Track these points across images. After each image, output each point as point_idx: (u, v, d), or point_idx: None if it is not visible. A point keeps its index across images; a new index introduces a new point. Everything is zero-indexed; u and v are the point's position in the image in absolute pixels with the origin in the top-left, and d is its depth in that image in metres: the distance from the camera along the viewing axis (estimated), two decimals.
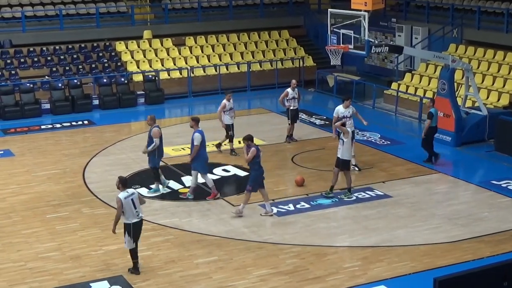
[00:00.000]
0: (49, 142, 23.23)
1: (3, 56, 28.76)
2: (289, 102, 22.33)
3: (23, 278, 13.90)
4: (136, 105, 28.01)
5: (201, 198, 18.09)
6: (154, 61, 30.16)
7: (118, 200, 13.54)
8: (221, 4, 33.90)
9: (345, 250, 15.10)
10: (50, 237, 15.71)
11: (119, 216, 13.62)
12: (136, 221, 13.69)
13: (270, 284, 13.58)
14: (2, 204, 17.77)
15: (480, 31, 27.55)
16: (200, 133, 17.55)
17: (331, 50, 21.89)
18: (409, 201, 17.72)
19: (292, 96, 22.25)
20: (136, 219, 13.67)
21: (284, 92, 22.53)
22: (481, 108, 22.58)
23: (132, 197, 13.62)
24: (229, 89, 22.16)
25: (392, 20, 30.76)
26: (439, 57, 23.20)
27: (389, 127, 24.71)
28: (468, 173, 20.19)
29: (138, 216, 13.70)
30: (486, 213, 16.96)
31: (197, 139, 17.44)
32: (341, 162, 17.56)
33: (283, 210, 17.13)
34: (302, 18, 34.53)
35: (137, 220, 13.69)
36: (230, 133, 21.33)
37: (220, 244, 15.32)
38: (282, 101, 22.57)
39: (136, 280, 13.70)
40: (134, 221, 13.65)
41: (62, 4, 31.34)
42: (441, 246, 15.16)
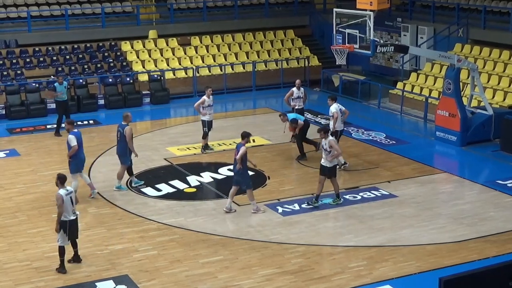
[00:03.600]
0: (55, 141, 23.25)
1: (9, 55, 28.81)
2: (294, 101, 22.35)
3: (28, 277, 13.93)
4: (142, 105, 28.03)
5: (205, 198, 18.11)
6: (160, 61, 30.19)
7: (59, 197, 13.71)
8: (227, 4, 33.91)
9: (350, 249, 15.08)
10: (55, 237, 15.66)
11: (62, 213, 13.74)
12: (73, 218, 13.91)
13: (275, 284, 13.58)
14: (8, 203, 17.81)
15: (486, 30, 27.52)
16: (75, 134, 17.50)
17: (336, 50, 21.88)
18: (415, 201, 17.70)
19: (297, 96, 22.26)
20: (73, 217, 13.90)
21: (289, 91, 22.56)
22: (487, 107, 22.54)
23: (70, 195, 13.84)
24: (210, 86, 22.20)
25: (398, 20, 30.72)
26: (445, 57, 23.16)
27: (395, 126, 24.69)
28: (473, 173, 20.17)
29: (74, 214, 13.94)
30: (492, 212, 16.93)
31: (72, 140, 17.33)
32: (327, 169, 17.11)
33: (288, 209, 17.13)
34: (308, 18, 34.51)
35: (73, 218, 13.91)
36: (204, 129, 21.36)
37: (225, 243, 15.33)
38: (287, 100, 22.61)
39: (141, 280, 13.71)
40: (71, 218, 13.87)
41: (68, 4, 31.38)
42: (446, 246, 15.14)
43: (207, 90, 21.46)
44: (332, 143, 16.97)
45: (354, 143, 22.64)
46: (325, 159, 17.05)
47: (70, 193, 13.89)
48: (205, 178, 19.44)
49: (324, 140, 17.08)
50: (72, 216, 13.89)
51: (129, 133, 18.21)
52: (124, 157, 18.43)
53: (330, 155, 16.90)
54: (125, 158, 18.44)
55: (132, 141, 18.38)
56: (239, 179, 16.86)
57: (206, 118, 21.31)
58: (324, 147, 17.04)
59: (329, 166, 17.03)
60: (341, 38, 21.69)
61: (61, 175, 14.09)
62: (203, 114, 21.29)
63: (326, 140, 17.03)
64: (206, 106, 21.28)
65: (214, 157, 21.30)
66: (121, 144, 18.43)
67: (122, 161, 18.51)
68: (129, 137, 18.20)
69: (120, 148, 18.48)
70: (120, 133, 18.38)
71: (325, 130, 17.31)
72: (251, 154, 21.40)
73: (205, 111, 21.28)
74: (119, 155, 18.57)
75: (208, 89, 21.48)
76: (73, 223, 13.95)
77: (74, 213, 13.96)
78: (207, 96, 21.29)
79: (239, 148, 16.72)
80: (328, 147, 16.94)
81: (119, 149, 18.55)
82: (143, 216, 16.90)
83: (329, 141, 16.97)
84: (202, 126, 21.51)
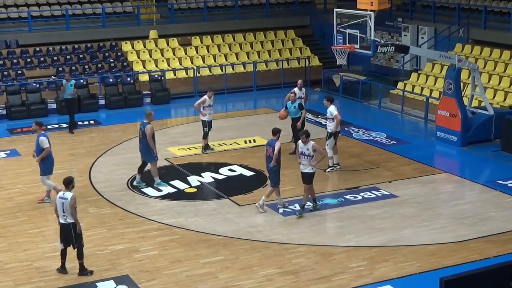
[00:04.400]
0: (55, 142, 23.18)
1: (10, 56, 28.82)
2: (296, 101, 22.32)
3: (29, 277, 13.94)
4: (142, 105, 28.03)
5: (205, 198, 18.12)
6: (160, 61, 30.20)
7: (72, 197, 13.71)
8: (227, 4, 33.91)
9: (351, 250, 15.08)
10: (56, 237, 15.64)
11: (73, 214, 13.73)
12: (62, 222, 13.79)
13: (276, 284, 13.58)
14: (9, 203, 17.82)
15: (487, 30, 27.52)
16: (46, 136, 17.45)
17: (337, 50, 21.88)
18: (415, 201, 17.70)
19: (298, 96, 22.23)
20: (62, 220, 13.78)
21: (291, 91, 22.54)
22: (487, 107, 22.54)
23: (62, 200, 13.72)
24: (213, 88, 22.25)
25: (398, 20, 30.72)
26: (445, 57, 23.16)
27: (395, 126, 24.69)
28: (474, 173, 20.16)
29: (64, 219, 13.77)
30: (493, 212, 16.93)
31: (44, 143, 17.25)
32: (308, 175, 16.62)
33: (289, 209, 17.12)
34: (308, 18, 34.51)
35: (63, 222, 13.79)
36: (205, 129, 21.38)
37: (226, 243, 15.33)
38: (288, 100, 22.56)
39: (142, 280, 13.72)
40: (61, 221, 13.80)
41: (68, 4, 31.39)
42: (447, 246, 15.14)
43: (209, 92, 21.44)
44: (316, 147, 16.44)
45: (354, 143, 22.63)
46: (305, 165, 16.51)
47: (63, 198, 13.76)
48: (205, 178, 19.45)
49: (305, 144, 16.45)
50: (62, 220, 13.78)
51: (149, 132, 18.25)
52: (149, 155, 18.48)
53: (314, 159, 16.42)
54: (150, 156, 18.48)
55: (153, 140, 18.40)
56: (270, 176, 16.92)
57: (206, 118, 21.32)
58: (306, 152, 16.45)
59: (311, 172, 16.54)
60: (341, 38, 21.70)
61: (66, 178, 14.10)
62: (203, 114, 21.30)
63: (308, 145, 16.41)
64: (206, 106, 21.29)
65: (215, 157, 21.30)
66: (143, 142, 18.50)
67: (148, 159, 18.56)
68: (149, 136, 18.24)
69: (143, 146, 18.56)
70: (142, 131, 18.45)
71: (306, 134, 16.63)
72: (252, 154, 21.49)
73: (205, 111, 21.29)
74: (142, 153, 18.66)
75: (210, 91, 21.44)
76: (62, 226, 13.82)
77: (65, 218, 13.75)
78: (208, 97, 21.30)
79: (272, 145, 16.72)
80: (312, 151, 16.40)
81: (142, 148, 18.62)
82: (143, 216, 16.90)
83: (313, 145, 16.39)
84: (202, 126, 21.52)
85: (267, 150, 16.87)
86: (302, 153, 16.52)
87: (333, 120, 19.54)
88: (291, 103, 20.98)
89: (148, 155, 18.54)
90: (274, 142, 16.77)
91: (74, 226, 13.77)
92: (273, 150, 16.64)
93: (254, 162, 20.58)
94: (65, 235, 13.87)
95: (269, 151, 16.78)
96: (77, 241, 13.88)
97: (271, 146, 16.75)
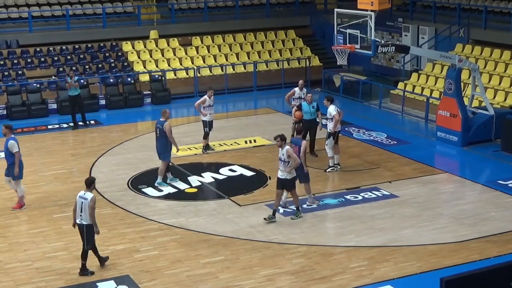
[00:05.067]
0: (56, 142, 23.28)
1: (10, 56, 28.83)
2: (295, 101, 22.34)
3: (30, 277, 13.94)
4: (143, 105, 28.05)
5: (206, 198, 18.13)
6: (161, 61, 30.20)
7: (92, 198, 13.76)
8: (228, 4, 33.92)
9: (351, 250, 15.08)
10: (57, 237, 15.75)
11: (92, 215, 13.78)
12: (78, 222, 13.85)
13: (276, 284, 13.58)
14: (10, 203, 17.79)
15: (487, 30, 27.52)
16: (15, 140, 17.24)
17: (337, 50, 21.88)
18: (416, 201, 17.70)
19: (298, 96, 22.23)
20: (77, 220, 13.84)
21: (291, 90, 22.58)
22: (488, 107, 22.54)
23: (82, 200, 13.77)
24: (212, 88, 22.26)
25: (399, 20, 30.73)
26: (446, 57, 23.16)
27: (396, 127, 24.69)
28: (474, 173, 20.16)
29: (80, 220, 13.81)
30: (493, 212, 16.93)
31: (14, 147, 17.01)
32: (287, 182, 16.15)
33: (290, 210, 17.11)
34: (309, 18, 34.51)
35: (78, 222, 13.84)
36: (206, 129, 21.41)
37: (227, 244, 15.34)
38: (288, 99, 22.63)
39: (142, 280, 13.72)
40: (77, 222, 13.87)
41: (69, 4, 31.40)
42: (447, 246, 15.14)
43: (209, 91, 21.49)
44: (290, 152, 15.89)
45: (355, 143, 22.63)
46: (283, 171, 16.06)
47: (83, 198, 13.76)
48: (206, 178, 19.45)
49: (281, 149, 16.04)
50: (78, 220, 13.84)
51: (168, 128, 18.35)
52: (165, 153, 18.58)
53: (289, 165, 15.92)
54: (166, 154, 18.59)
55: (172, 135, 18.49)
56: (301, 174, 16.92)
57: (207, 118, 21.34)
58: (282, 158, 15.99)
59: (289, 178, 16.08)
60: (342, 38, 21.70)
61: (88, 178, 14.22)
62: (204, 114, 21.32)
63: (283, 150, 15.95)
64: (207, 106, 21.30)
65: (215, 157, 21.30)
66: (160, 140, 18.56)
67: (162, 158, 18.64)
68: (169, 132, 18.35)
69: (160, 145, 18.62)
70: (159, 129, 18.50)
71: (282, 137, 16.04)
72: (252, 154, 21.49)
73: (206, 111, 21.30)
74: (159, 152, 18.71)
75: (210, 90, 21.51)
76: (78, 226, 13.90)
77: (80, 218, 13.80)
78: (208, 96, 21.32)
79: (298, 144, 16.80)
80: (286, 157, 15.92)
81: (159, 146, 18.68)
82: (144, 216, 16.90)
83: (287, 150, 15.88)
84: (203, 127, 21.52)
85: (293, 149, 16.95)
86: (279, 158, 16.11)
87: (332, 120, 19.54)
88: (308, 104, 20.63)
89: (163, 153, 18.59)
90: (300, 141, 16.93)
91: (88, 228, 13.77)
92: (299, 149, 16.72)
93: (255, 162, 20.59)
94: (80, 235, 13.90)
95: (294, 150, 16.79)
96: (88, 243, 13.87)
97: (297, 145, 16.84)
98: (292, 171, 16.07)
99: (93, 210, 13.73)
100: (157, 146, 18.74)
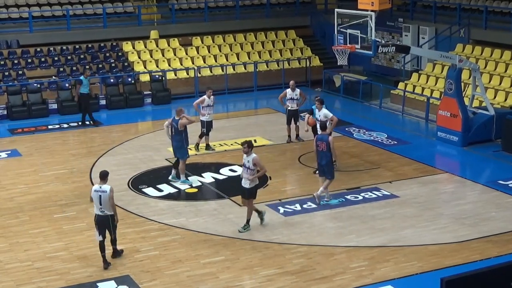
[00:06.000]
0: (57, 142, 23.28)
1: (11, 56, 28.83)
2: (288, 102, 22.36)
3: (30, 277, 13.94)
4: (143, 105, 28.05)
5: (206, 199, 18.13)
6: (161, 61, 30.20)
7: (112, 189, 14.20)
8: (228, 4, 33.92)
9: (352, 250, 15.08)
10: (57, 237, 15.75)
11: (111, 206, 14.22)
12: (98, 214, 14.17)
13: (277, 284, 13.58)
14: (10, 203, 17.82)
15: (487, 30, 27.51)
16: None
17: (338, 50, 21.88)
18: (416, 201, 17.70)
19: (290, 97, 22.24)
20: (98, 212, 14.16)
21: (283, 91, 22.64)
22: (488, 108, 22.54)
23: (99, 193, 14.07)
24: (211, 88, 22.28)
25: (399, 20, 30.72)
26: (446, 57, 23.15)
27: (396, 127, 24.69)
28: (475, 173, 20.16)
29: (101, 211, 14.15)
30: (494, 213, 16.93)
31: None
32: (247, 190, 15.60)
33: (290, 210, 17.12)
34: (309, 18, 34.51)
35: (98, 214, 14.17)
36: (203, 129, 21.42)
37: (227, 244, 15.33)
38: (281, 100, 22.65)
39: (143, 280, 13.72)
40: (96, 213, 14.19)
41: (69, 5, 31.40)
42: (448, 246, 15.13)
43: (208, 91, 21.51)
44: (256, 161, 15.32)
45: (355, 143, 22.63)
46: (245, 179, 15.47)
47: (101, 191, 14.06)
48: (206, 178, 19.45)
49: (247, 156, 15.37)
50: (99, 212, 14.13)
51: (182, 123, 18.55)
52: (181, 150, 18.67)
53: (255, 174, 15.34)
54: (182, 151, 18.66)
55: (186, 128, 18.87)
56: (326, 170, 17.14)
57: (205, 118, 21.35)
58: (247, 164, 15.35)
59: (248, 188, 15.49)
60: (342, 39, 21.70)
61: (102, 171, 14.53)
62: (202, 114, 21.34)
63: (249, 157, 15.33)
64: (205, 106, 21.32)
65: (216, 157, 21.31)
66: (175, 138, 18.71)
67: (180, 156, 18.73)
68: (182, 126, 18.60)
69: (176, 142, 18.74)
70: (174, 128, 18.63)
71: (249, 144, 15.40)
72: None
73: (204, 111, 21.33)
74: (174, 149, 18.83)
75: (208, 90, 21.53)
76: (98, 218, 14.17)
77: (102, 211, 14.11)
78: (207, 96, 21.33)
79: (325, 140, 17.00)
80: (251, 164, 15.32)
81: (174, 144, 18.80)
82: (144, 216, 16.90)
83: (253, 158, 15.28)
84: (200, 126, 21.52)
85: (319, 145, 17.10)
86: (243, 165, 15.51)
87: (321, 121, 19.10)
88: (318, 110, 20.15)
89: (179, 151, 18.65)
90: (326, 137, 17.11)
91: (112, 217, 14.18)
92: (326, 144, 16.92)
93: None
94: (103, 226, 14.19)
95: (322, 146, 17.03)
96: (114, 230, 14.36)
97: (323, 141, 17.00)
98: (255, 179, 15.48)
99: (113, 200, 14.18)
100: (173, 143, 18.88)
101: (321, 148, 17.08)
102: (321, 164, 17.26)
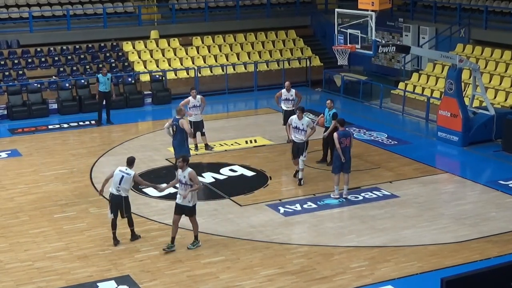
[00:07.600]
0: (57, 142, 23.28)
1: (11, 56, 28.83)
2: (283, 102, 22.36)
3: (30, 277, 13.94)
4: (143, 105, 28.05)
5: (206, 198, 18.13)
6: (161, 61, 30.20)
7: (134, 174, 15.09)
8: (228, 4, 33.92)
9: (352, 250, 15.08)
10: (57, 237, 15.75)
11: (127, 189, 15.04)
12: (113, 193, 14.90)
13: (277, 284, 13.58)
14: (10, 203, 17.82)
15: (488, 30, 27.51)
16: None
17: (338, 50, 21.88)
18: (417, 201, 17.70)
19: (285, 98, 22.27)
20: (114, 191, 14.89)
21: (279, 92, 22.66)
22: (489, 108, 22.54)
23: (123, 174, 14.89)
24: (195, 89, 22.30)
25: (399, 20, 30.72)
26: (446, 57, 23.15)
27: (396, 127, 24.68)
28: (475, 173, 20.16)
29: (117, 191, 14.86)
30: (494, 213, 16.93)
31: None
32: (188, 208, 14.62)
33: (290, 210, 17.12)
34: (309, 18, 34.51)
35: (114, 193, 14.88)
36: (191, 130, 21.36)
37: (227, 244, 15.33)
38: (277, 99, 22.67)
39: (143, 280, 13.72)
40: (112, 192, 14.93)
41: (69, 5, 31.40)
42: (448, 246, 15.13)
43: (192, 91, 21.57)
44: (192, 175, 14.36)
45: (355, 143, 22.50)
46: (180, 196, 14.53)
47: (125, 173, 14.86)
48: (206, 178, 19.44)
49: (182, 171, 14.45)
50: (114, 191, 14.83)
51: (182, 122, 18.60)
52: (182, 148, 18.66)
53: (188, 190, 14.38)
54: (183, 150, 18.59)
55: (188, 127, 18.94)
56: (347, 165, 17.60)
57: (192, 119, 21.37)
58: (183, 180, 14.41)
59: (190, 206, 14.55)
60: (342, 38, 21.69)
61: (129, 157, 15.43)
62: (189, 114, 21.36)
63: (185, 172, 14.40)
64: (192, 107, 21.38)
65: (216, 157, 21.30)
66: (177, 137, 18.76)
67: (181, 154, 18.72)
68: (187, 127, 18.76)
69: (177, 142, 18.80)
70: (176, 126, 18.67)
71: (184, 159, 14.53)
72: (253, 154, 21.51)
73: (191, 111, 21.37)
74: (175, 149, 18.84)
75: (192, 91, 21.60)
76: (113, 197, 14.87)
77: (118, 190, 14.80)
78: (192, 97, 21.37)
79: (348, 135, 17.55)
80: (188, 179, 14.37)
81: (175, 143, 18.85)
82: (144, 216, 16.90)
83: (189, 173, 14.36)
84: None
85: (343, 142, 17.37)
86: (179, 181, 14.52)
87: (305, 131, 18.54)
88: (328, 110, 20.02)
89: (181, 150, 18.62)
90: (348, 132, 17.72)
91: (125, 199, 14.94)
92: (350, 140, 17.47)
93: (255, 162, 20.59)
94: (116, 206, 14.91)
95: (346, 142, 17.41)
96: (127, 211, 15.07)
97: (347, 137, 17.46)
98: (194, 196, 14.59)
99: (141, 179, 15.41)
100: (173, 143, 18.92)
101: (345, 144, 17.43)
102: (346, 158, 17.54)
